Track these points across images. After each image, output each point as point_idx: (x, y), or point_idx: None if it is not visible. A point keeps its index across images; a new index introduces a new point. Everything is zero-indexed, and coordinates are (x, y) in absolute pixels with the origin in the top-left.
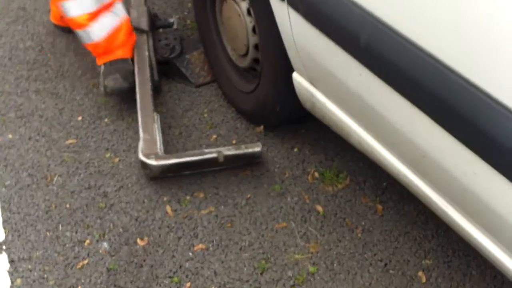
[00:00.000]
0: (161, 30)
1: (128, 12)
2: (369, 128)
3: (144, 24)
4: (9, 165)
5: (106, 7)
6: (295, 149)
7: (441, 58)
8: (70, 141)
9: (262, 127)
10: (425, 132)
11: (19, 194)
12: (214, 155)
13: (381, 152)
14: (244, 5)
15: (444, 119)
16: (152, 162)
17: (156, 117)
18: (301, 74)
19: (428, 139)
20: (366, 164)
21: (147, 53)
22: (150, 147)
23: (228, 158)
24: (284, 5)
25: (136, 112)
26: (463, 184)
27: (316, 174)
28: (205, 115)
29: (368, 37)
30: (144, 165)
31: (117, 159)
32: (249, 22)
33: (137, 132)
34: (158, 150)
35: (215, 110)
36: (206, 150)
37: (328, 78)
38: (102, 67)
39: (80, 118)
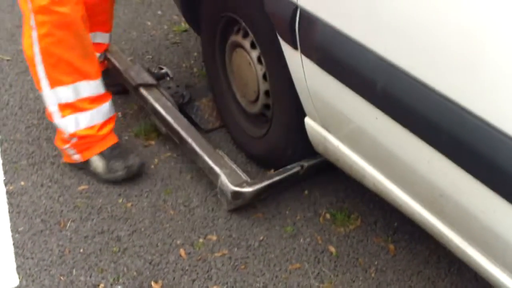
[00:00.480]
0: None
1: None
2: (384, 170)
3: (148, 78)
4: (22, 212)
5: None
6: (306, 192)
7: (455, 99)
8: (82, 187)
9: (272, 170)
10: (442, 172)
11: (32, 240)
12: (297, 169)
13: (397, 193)
14: (255, 54)
15: (462, 158)
16: (248, 189)
17: (221, 153)
18: (314, 119)
19: (445, 179)
20: (377, 205)
21: (169, 103)
22: (236, 178)
23: (308, 168)
24: (298, 53)
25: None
26: (482, 222)
27: (328, 216)
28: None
29: (385, 83)
30: (237, 195)
31: (129, 204)
32: (260, 69)
33: (149, 177)
34: (245, 178)
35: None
36: (289, 166)
37: (342, 122)
38: (98, 159)
39: (144, 162)
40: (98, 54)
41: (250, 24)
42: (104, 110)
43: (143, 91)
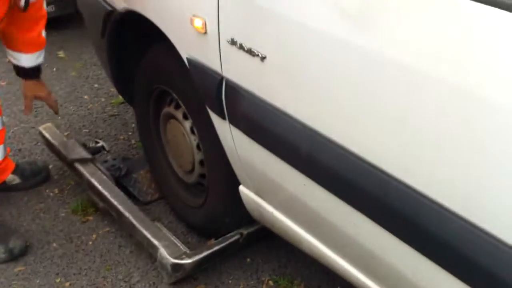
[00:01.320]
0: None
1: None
2: (318, 234)
3: (83, 153)
4: None
5: None
6: (248, 259)
7: (376, 163)
8: (18, 268)
9: (213, 240)
10: (370, 234)
11: None
12: (236, 237)
13: (332, 257)
14: (188, 124)
15: (384, 220)
16: (187, 260)
17: (160, 225)
18: (247, 187)
19: (372, 241)
20: (319, 268)
21: (105, 177)
22: (175, 249)
23: (248, 236)
24: (226, 123)
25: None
26: (412, 282)
27: (271, 283)
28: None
29: (309, 149)
30: (177, 267)
31: (67, 283)
32: (193, 140)
33: (87, 254)
34: (184, 250)
35: (165, 227)
36: (228, 235)
37: (274, 189)
38: None
39: (27, 244)
40: (1, 146)
41: (181, 95)
42: None
43: (78, 166)
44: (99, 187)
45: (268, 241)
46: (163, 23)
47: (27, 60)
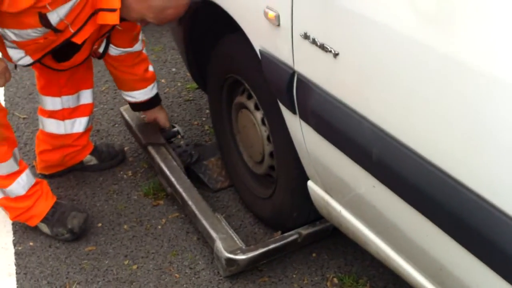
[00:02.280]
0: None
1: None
2: (386, 238)
3: (158, 137)
4: (29, 273)
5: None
6: (314, 254)
7: (451, 173)
8: (89, 248)
9: (279, 232)
10: (440, 246)
11: None
12: (295, 236)
13: (400, 263)
14: (259, 115)
15: (459, 234)
16: (241, 256)
17: (220, 216)
18: (316, 183)
19: (443, 253)
20: (386, 269)
21: (175, 163)
22: (231, 244)
23: (306, 237)
24: (297, 118)
25: (155, 218)
26: None
27: (335, 280)
28: (224, 220)
29: (379, 152)
30: (231, 262)
31: (135, 266)
32: (264, 131)
33: (156, 238)
34: (240, 245)
35: (233, 215)
36: (286, 234)
37: (342, 188)
38: (43, 226)
39: (100, 224)
40: (85, 119)
41: (253, 86)
42: (21, 183)
43: (151, 150)
44: (168, 173)
45: (335, 237)
46: (238, 13)
47: (141, 94)
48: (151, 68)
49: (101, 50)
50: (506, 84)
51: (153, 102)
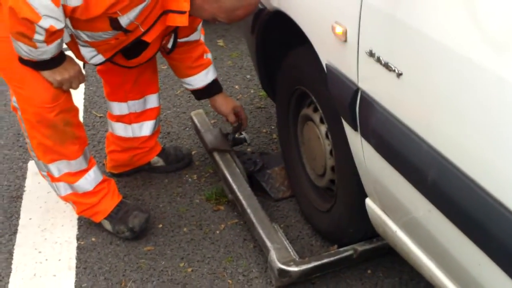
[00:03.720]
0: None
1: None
2: (440, 264)
3: (224, 144)
4: (88, 268)
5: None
6: (369, 271)
7: (509, 206)
8: (148, 247)
9: (336, 246)
10: (494, 280)
11: None
12: (350, 252)
13: None
14: (323, 128)
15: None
16: (294, 268)
17: (277, 226)
18: (374, 201)
19: (496, 286)
20: None
21: (238, 170)
22: (284, 254)
23: (362, 253)
24: (358, 135)
25: (214, 223)
26: None
27: None
28: (281, 230)
29: (436, 175)
30: (283, 273)
31: (190, 269)
32: (327, 144)
33: (213, 243)
34: (294, 256)
35: (291, 225)
36: (341, 249)
37: (398, 209)
38: (106, 222)
39: (160, 225)
40: (151, 122)
41: (319, 99)
42: (89, 179)
43: (216, 155)
44: (230, 179)
45: (392, 255)
46: (307, 26)
47: (196, 80)
48: (207, 56)
49: (169, 45)
50: None
51: (212, 89)
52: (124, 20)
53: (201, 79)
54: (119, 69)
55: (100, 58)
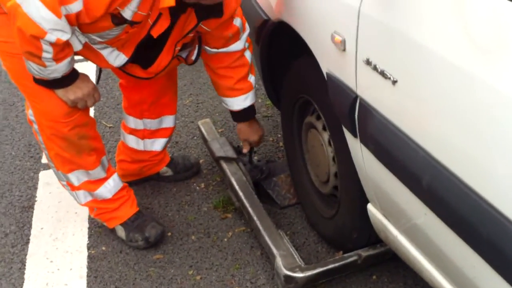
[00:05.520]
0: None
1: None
2: (438, 266)
3: (230, 152)
4: (99, 277)
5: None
6: (374, 277)
7: (500, 209)
8: (157, 256)
9: (341, 252)
10: (488, 281)
11: None
12: (354, 258)
13: None
14: (326, 136)
15: (502, 268)
16: (299, 274)
17: (282, 233)
18: (375, 206)
19: (490, 286)
20: None
21: (244, 178)
22: (290, 261)
23: (367, 259)
24: (357, 141)
25: (222, 231)
26: None
27: None
28: (287, 237)
29: (430, 179)
30: (289, 279)
31: (198, 277)
32: (330, 151)
33: (221, 251)
34: (299, 263)
35: (297, 232)
36: (346, 255)
37: (398, 213)
38: (120, 229)
39: (169, 234)
40: (164, 139)
41: (321, 107)
42: (108, 187)
43: (223, 164)
44: (236, 187)
45: (397, 261)
46: (308, 36)
47: (233, 103)
48: (251, 79)
49: (193, 57)
50: None
51: (246, 113)
52: (127, 13)
53: (238, 103)
54: (139, 86)
55: (123, 58)
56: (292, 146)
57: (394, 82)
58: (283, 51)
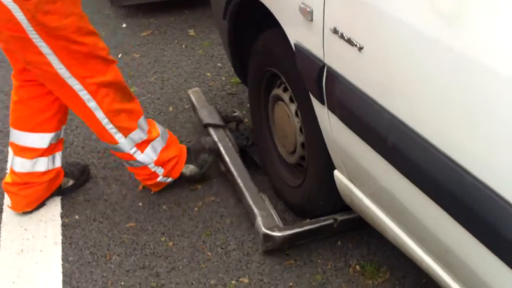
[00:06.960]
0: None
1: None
2: (401, 224)
3: (218, 119)
4: (74, 243)
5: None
6: (339, 242)
7: (457, 160)
8: (130, 224)
9: (308, 220)
10: (446, 229)
11: (80, 269)
12: (330, 221)
13: (413, 248)
14: (293, 107)
15: (463, 218)
16: (277, 233)
17: (264, 196)
18: (341, 172)
19: (449, 235)
20: (407, 259)
21: (230, 144)
22: (269, 221)
23: (342, 223)
24: (325, 108)
25: (193, 198)
26: (482, 279)
27: (358, 267)
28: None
29: (395, 139)
30: (267, 237)
31: (171, 243)
32: (297, 122)
33: (191, 219)
34: (278, 223)
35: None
36: (322, 218)
37: (364, 176)
38: (186, 167)
39: (140, 203)
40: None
41: (288, 79)
42: (162, 128)
43: (210, 130)
44: (223, 152)
45: (360, 229)
46: (276, 8)
47: None
48: None
49: None
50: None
51: None
52: None
53: None
54: None
55: None
56: (259, 120)
57: (360, 48)
58: (250, 26)
